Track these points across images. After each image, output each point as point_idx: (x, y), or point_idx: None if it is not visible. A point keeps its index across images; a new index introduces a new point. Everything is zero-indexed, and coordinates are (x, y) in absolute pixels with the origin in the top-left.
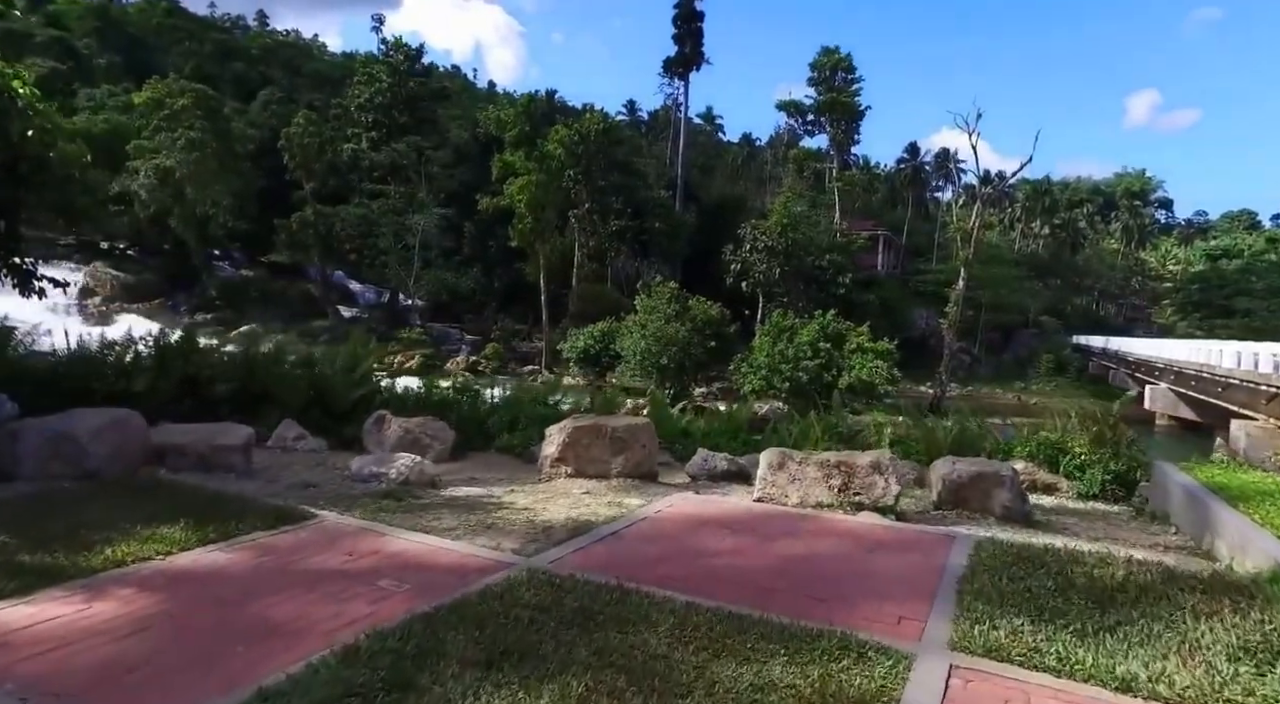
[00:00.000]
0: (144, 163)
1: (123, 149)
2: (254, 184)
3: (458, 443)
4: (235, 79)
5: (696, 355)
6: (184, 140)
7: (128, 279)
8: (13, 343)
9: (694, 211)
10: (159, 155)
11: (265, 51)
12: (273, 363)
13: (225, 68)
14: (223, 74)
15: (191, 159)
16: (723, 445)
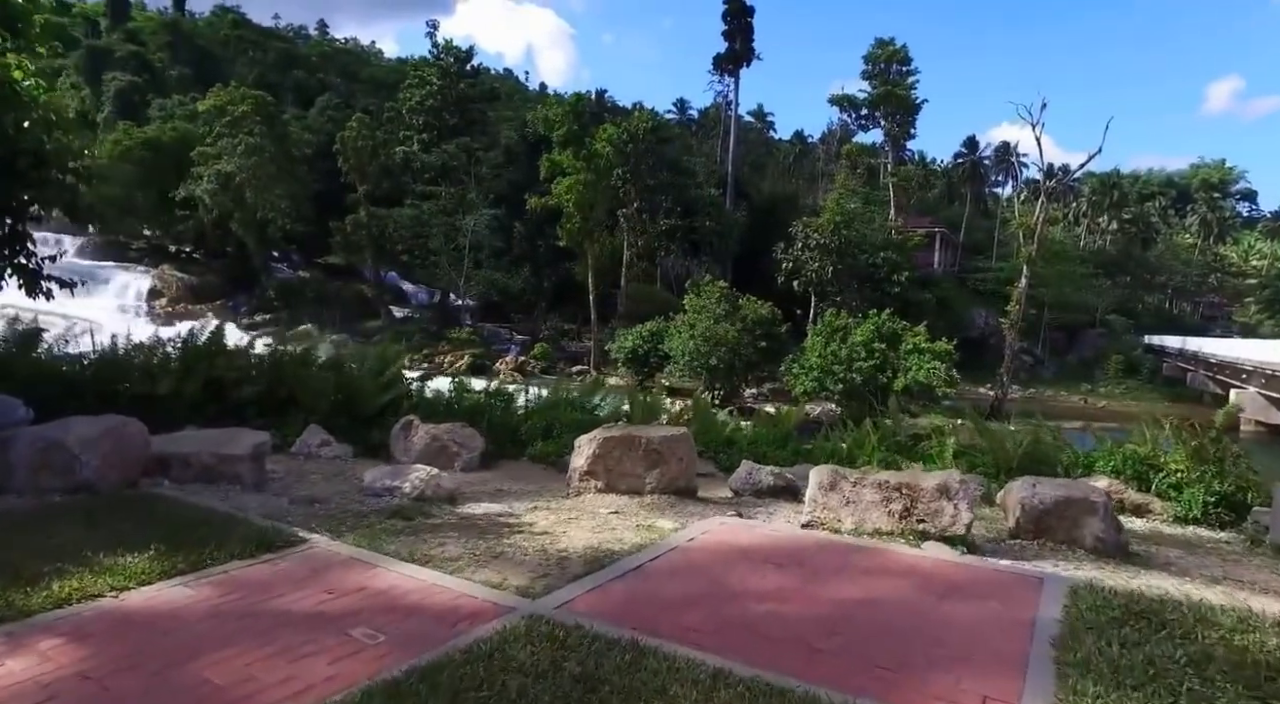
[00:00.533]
0: (207, 168)
1: (189, 156)
2: (310, 187)
3: (489, 451)
4: (296, 86)
5: (746, 356)
6: (244, 145)
7: (192, 281)
8: (41, 344)
9: (745, 210)
10: (221, 161)
11: (324, 59)
12: (299, 365)
13: (286, 75)
14: (284, 82)
15: (251, 164)
16: (770, 454)
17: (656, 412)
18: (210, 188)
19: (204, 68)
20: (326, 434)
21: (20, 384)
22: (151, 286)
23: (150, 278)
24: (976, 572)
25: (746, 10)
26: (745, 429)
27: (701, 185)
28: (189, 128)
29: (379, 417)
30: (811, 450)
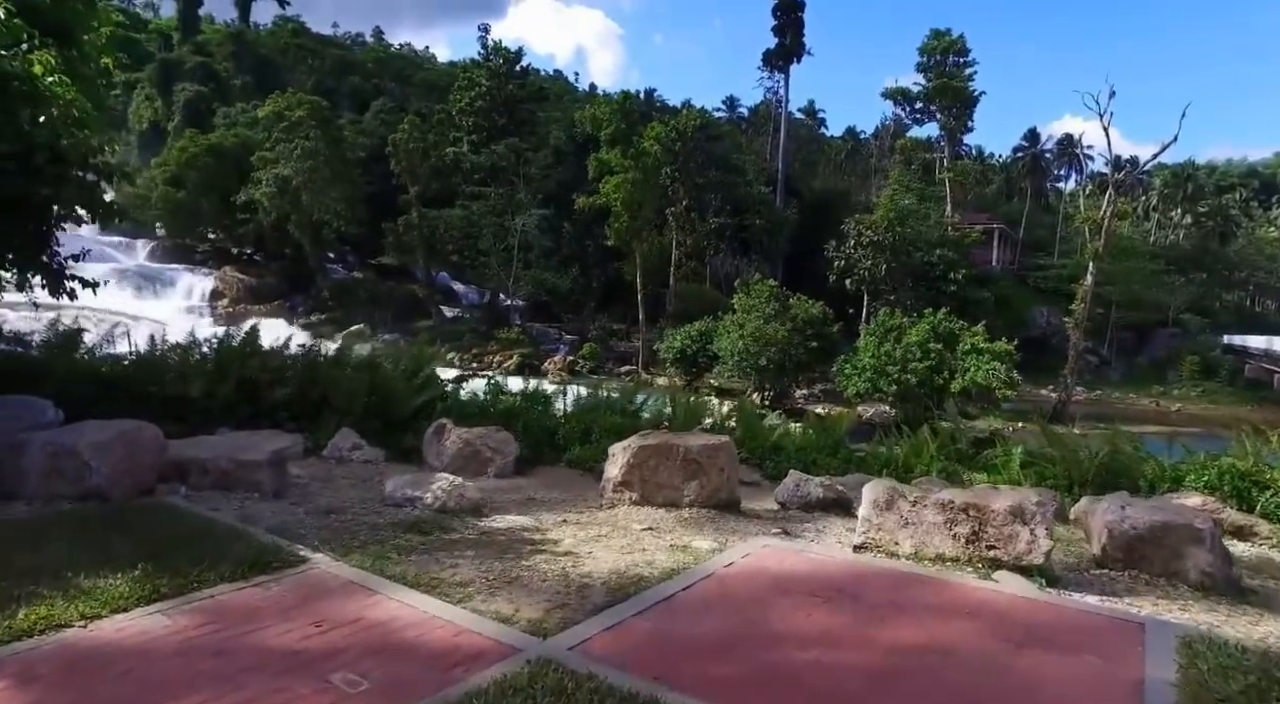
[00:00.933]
0: (265, 172)
1: (249, 161)
2: (364, 189)
3: (524, 456)
4: (352, 91)
5: (797, 356)
6: (300, 150)
7: (252, 282)
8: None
9: (795, 207)
10: (278, 165)
11: (378, 64)
12: (332, 366)
13: (343, 81)
14: (340, 87)
15: (306, 167)
16: (820, 462)
17: (700, 415)
18: (268, 191)
19: (265, 76)
20: (358, 438)
21: (56, 385)
22: (214, 288)
23: (213, 279)
24: (1061, 612)
25: (797, 5)
26: (793, 434)
27: (751, 183)
28: (249, 134)
29: (413, 420)
30: (864, 458)
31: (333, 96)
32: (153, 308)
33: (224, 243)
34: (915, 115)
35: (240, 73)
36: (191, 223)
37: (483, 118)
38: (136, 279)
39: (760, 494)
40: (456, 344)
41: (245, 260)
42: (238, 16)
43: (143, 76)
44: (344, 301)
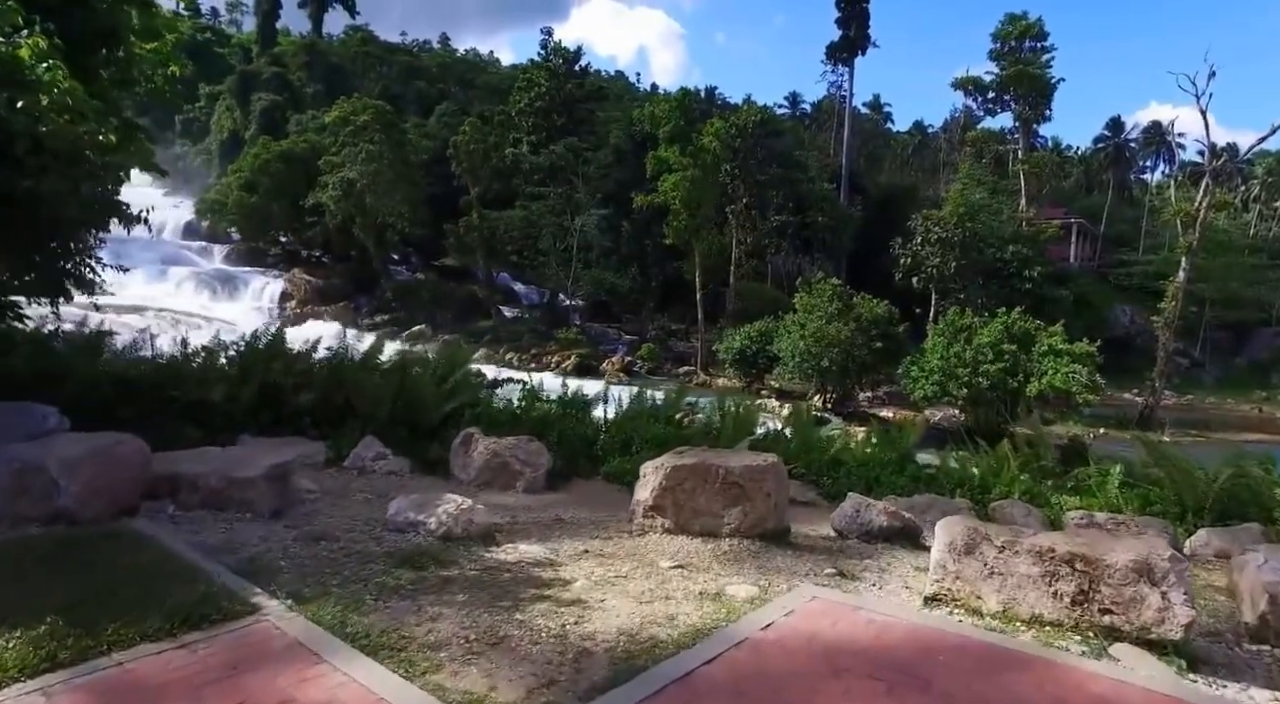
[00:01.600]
0: (332, 176)
1: (317, 165)
2: (427, 192)
3: (558, 468)
4: (417, 96)
5: (861, 357)
6: (364, 153)
7: (319, 283)
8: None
9: (860, 204)
10: (344, 168)
11: (443, 69)
12: (358, 370)
13: (409, 86)
14: (406, 92)
15: (370, 170)
16: (884, 479)
17: (750, 425)
18: (334, 194)
19: (336, 83)
20: (382, 446)
21: (75, 390)
22: (284, 289)
23: (283, 281)
24: None
25: None
26: (854, 445)
27: (814, 179)
28: (318, 139)
29: (442, 427)
30: (934, 476)
31: (399, 101)
32: (226, 309)
33: (294, 245)
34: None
35: (313, 81)
36: (264, 226)
37: (542, 118)
38: (212, 281)
39: (815, 516)
40: (516, 344)
41: (313, 262)
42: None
43: (223, 88)
44: (407, 302)
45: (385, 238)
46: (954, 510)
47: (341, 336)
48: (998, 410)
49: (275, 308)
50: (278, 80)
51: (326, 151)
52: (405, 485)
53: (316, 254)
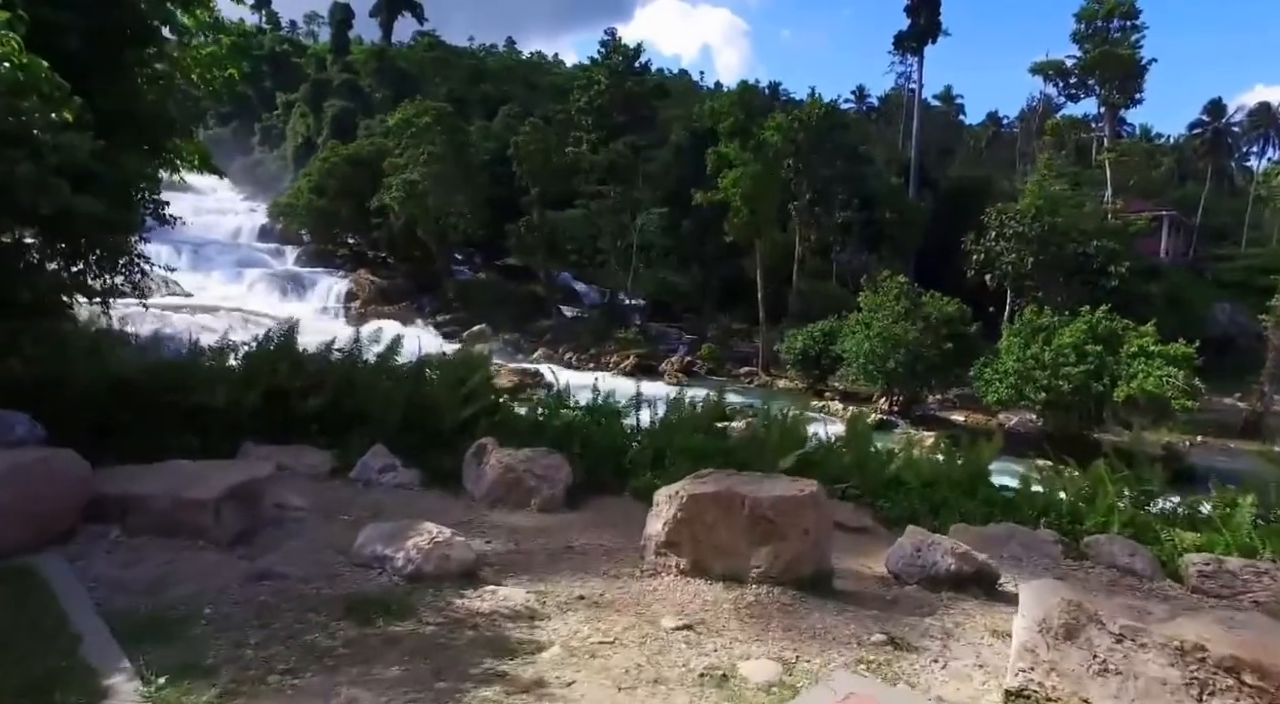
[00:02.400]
0: (395, 177)
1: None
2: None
3: (581, 483)
4: (481, 98)
5: (929, 358)
6: (426, 155)
7: (383, 284)
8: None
9: (929, 199)
10: (406, 170)
11: (507, 71)
12: (369, 373)
13: (474, 89)
14: (471, 95)
15: (432, 171)
16: (953, 503)
17: (799, 436)
18: (398, 196)
19: (403, 88)
20: (392, 456)
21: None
22: (348, 289)
23: (348, 282)
24: None
25: None
26: (918, 458)
27: (881, 174)
28: (383, 142)
29: (457, 436)
30: (1014, 500)
31: (464, 104)
32: (294, 309)
33: (361, 246)
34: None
35: (381, 87)
36: (332, 228)
37: (602, 117)
38: (283, 282)
39: (869, 547)
40: (575, 344)
41: (379, 263)
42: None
43: (298, 96)
44: (468, 302)
45: (447, 238)
46: (1037, 545)
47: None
48: (1080, 416)
49: (341, 307)
50: (348, 87)
51: (391, 154)
52: (410, 501)
53: (382, 255)
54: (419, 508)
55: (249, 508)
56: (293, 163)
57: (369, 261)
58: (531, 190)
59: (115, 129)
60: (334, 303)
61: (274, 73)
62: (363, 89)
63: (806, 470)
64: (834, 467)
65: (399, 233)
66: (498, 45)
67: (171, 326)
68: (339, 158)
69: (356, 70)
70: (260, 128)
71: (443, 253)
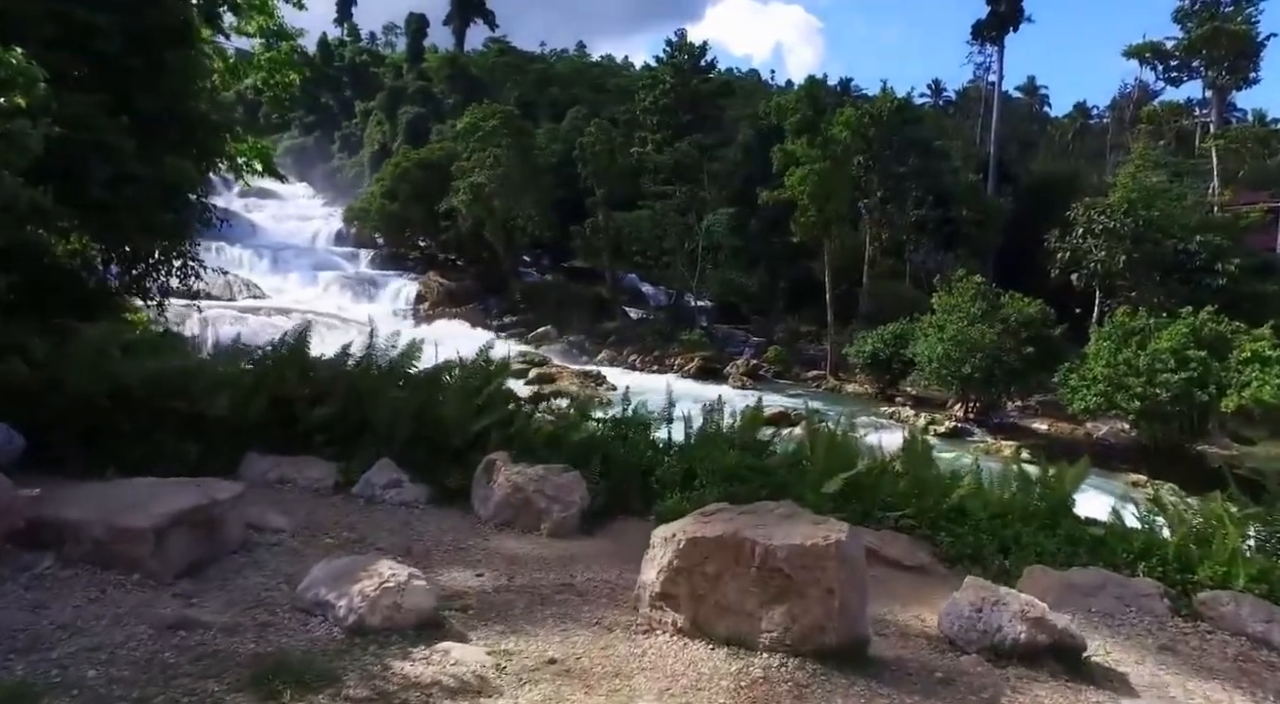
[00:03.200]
0: (462, 181)
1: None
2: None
3: (600, 505)
4: (550, 102)
5: (1009, 363)
6: (492, 158)
7: (451, 286)
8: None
9: (1010, 195)
10: (473, 173)
11: (575, 74)
12: (378, 380)
13: (543, 93)
14: (540, 99)
15: (498, 174)
16: (1027, 540)
17: (849, 455)
18: (465, 199)
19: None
20: (398, 470)
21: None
22: (418, 291)
23: (417, 284)
24: None
25: None
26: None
27: (958, 170)
28: (452, 146)
29: (471, 448)
30: (1105, 539)
31: (533, 108)
32: (365, 310)
33: (432, 249)
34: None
35: (453, 93)
36: (403, 231)
37: (667, 116)
38: (355, 284)
39: (925, 592)
40: (639, 346)
41: (448, 265)
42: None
43: (374, 104)
44: (534, 304)
45: (514, 240)
46: (1135, 599)
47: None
48: (1180, 427)
49: (409, 309)
50: (422, 94)
51: (459, 158)
52: (409, 522)
53: (452, 257)
54: (416, 530)
55: (204, 535)
56: (369, 168)
57: (439, 264)
58: (597, 191)
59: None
60: (403, 304)
61: (353, 82)
62: (435, 95)
63: (855, 495)
64: (887, 491)
65: (467, 235)
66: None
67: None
68: (410, 162)
69: (430, 77)
70: (339, 135)
71: (509, 255)
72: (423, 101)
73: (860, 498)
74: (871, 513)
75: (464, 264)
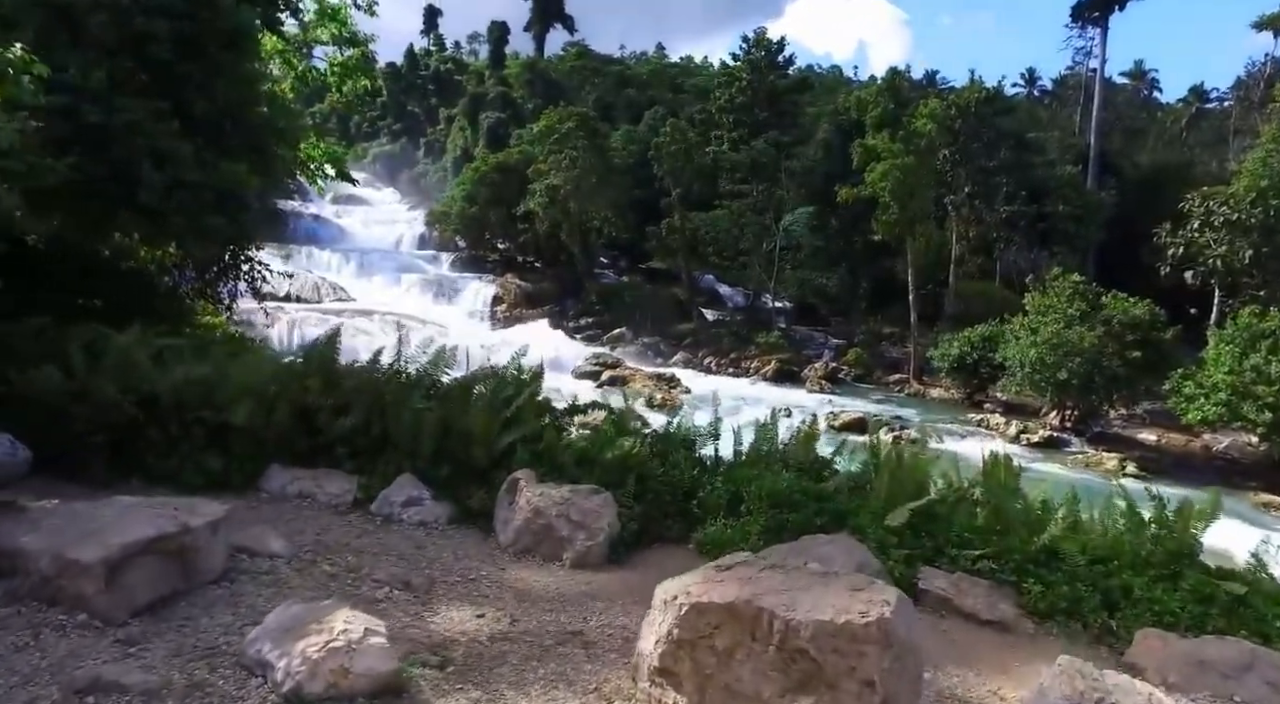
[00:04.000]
0: (539, 183)
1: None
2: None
3: (636, 530)
4: (628, 103)
5: (1111, 368)
6: (567, 159)
7: (528, 288)
8: None
9: (1114, 188)
10: (549, 175)
11: (653, 75)
12: (400, 389)
13: (620, 95)
14: (617, 101)
15: (573, 176)
16: (1139, 594)
17: (918, 481)
18: (541, 201)
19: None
20: (420, 487)
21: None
22: (495, 294)
23: (495, 286)
24: None
25: None
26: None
27: (1054, 163)
28: (529, 149)
29: (498, 466)
30: (1246, 597)
31: (610, 110)
32: (444, 312)
33: (510, 252)
34: None
35: (533, 97)
36: (482, 234)
37: (743, 113)
38: (435, 287)
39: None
40: (714, 348)
41: (526, 267)
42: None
43: (457, 111)
44: (610, 305)
45: (590, 242)
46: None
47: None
48: None
49: (486, 311)
50: (502, 99)
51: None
52: (422, 545)
53: (530, 259)
54: (427, 556)
55: (175, 566)
56: (451, 173)
57: (518, 266)
58: (672, 191)
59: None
60: (481, 306)
61: (438, 90)
62: (515, 100)
63: (925, 528)
64: (963, 525)
65: (544, 238)
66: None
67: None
68: (488, 166)
69: (510, 83)
70: (424, 141)
71: (586, 256)
72: (502, 106)
73: (931, 532)
74: (944, 551)
75: (541, 266)
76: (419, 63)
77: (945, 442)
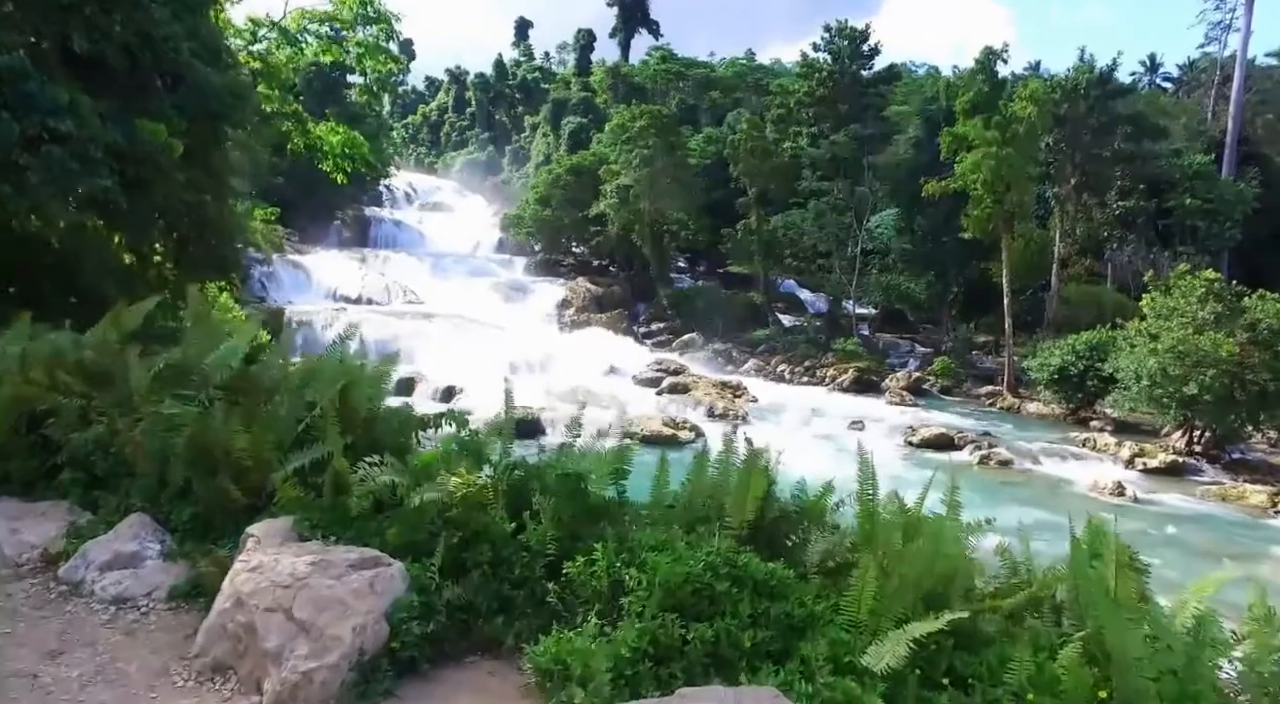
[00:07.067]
0: (610, 184)
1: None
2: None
3: (432, 633)
4: (711, 105)
5: (1257, 382)
6: (639, 158)
7: (598, 292)
8: None
9: (1255, 179)
10: (620, 176)
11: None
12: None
13: (703, 98)
14: (700, 103)
15: (645, 175)
16: None
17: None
18: (613, 202)
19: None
20: (152, 536)
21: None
22: (564, 297)
23: (564, 289)
24: None
25: None
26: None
27: (1180, 152)
28: (603, 151)
29: (275, 504)
30: None
31: (694, 112)
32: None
33: (584, 256)
34: None
35: (616, 101)
36: (556, 238)
37: (825, 107)
38: (506, 290)
39: None
40: (789, 355)
41: (600, 271)
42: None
43: (539, 117)
44: (682, 310)
45: (664, 245)
46: None
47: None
48: None
49: (554, 314)
50: (584, 104)
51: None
52: (89, 643)
53: (604, 263)
54: (69, 673)
55: None
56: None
57: (591, 270)
58: (749, 191)
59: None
60: (551, 309)
61: (525, 99)
62: (598, 106)
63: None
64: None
65: (617, 241)
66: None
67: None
68: (562, 169)
69: (594, 89)
70: (510, 150)
71: (658, 259)
72: (585, 112)
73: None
74: None
75: (615, 270)
76: (507, 73)
77: (1043, 463)
